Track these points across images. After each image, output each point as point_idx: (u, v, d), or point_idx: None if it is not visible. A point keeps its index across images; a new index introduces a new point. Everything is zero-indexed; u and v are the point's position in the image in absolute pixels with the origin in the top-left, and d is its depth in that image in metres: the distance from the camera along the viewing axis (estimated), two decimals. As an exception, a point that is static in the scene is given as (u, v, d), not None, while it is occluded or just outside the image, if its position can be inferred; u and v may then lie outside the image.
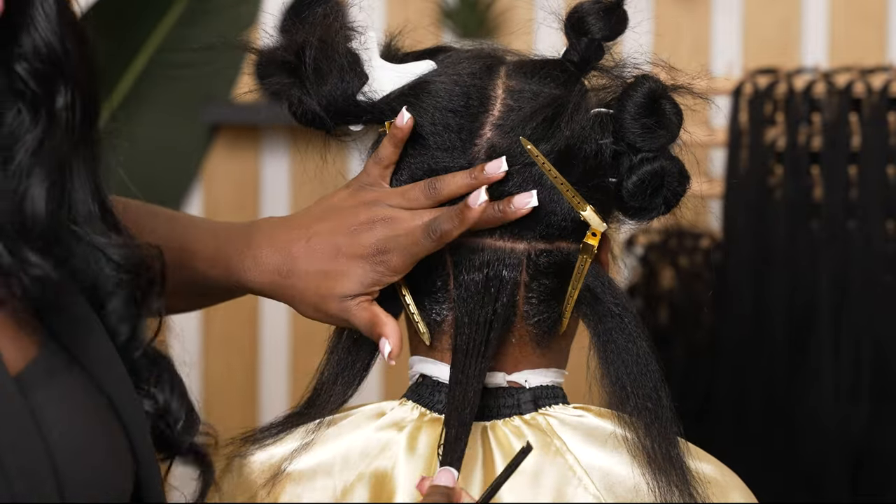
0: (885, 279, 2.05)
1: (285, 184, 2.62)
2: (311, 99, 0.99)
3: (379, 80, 0.99)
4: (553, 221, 0.97)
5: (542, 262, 0.97)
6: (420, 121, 0.97)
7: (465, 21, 2.51)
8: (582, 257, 0.97)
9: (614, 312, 0.98)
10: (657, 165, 0.96)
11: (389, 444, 0.96)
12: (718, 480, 0.96)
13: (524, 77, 0.99)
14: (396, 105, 0.98)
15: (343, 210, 1.00)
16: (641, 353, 0.97)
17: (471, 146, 0.97)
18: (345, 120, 1.00)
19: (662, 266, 2.27)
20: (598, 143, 0.96)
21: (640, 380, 0.97)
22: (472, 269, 0.97)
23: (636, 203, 0.97)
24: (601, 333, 0.98)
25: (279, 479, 0.97)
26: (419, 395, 1.00)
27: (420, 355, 1.01)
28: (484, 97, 0.97)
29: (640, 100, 0.95)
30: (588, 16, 0.99)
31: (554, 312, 0.99)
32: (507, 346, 0.99)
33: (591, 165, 0.97)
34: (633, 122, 0.95)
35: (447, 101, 0.97)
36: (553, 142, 0.96)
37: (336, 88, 0.98)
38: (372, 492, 0.95)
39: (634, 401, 0.96)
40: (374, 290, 0.98)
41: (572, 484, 0.94)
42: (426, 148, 0.98)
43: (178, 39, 2.44)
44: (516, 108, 0.97)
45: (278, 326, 2.63)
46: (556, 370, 1.01)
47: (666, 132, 0.96)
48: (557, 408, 0.98)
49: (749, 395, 2.11)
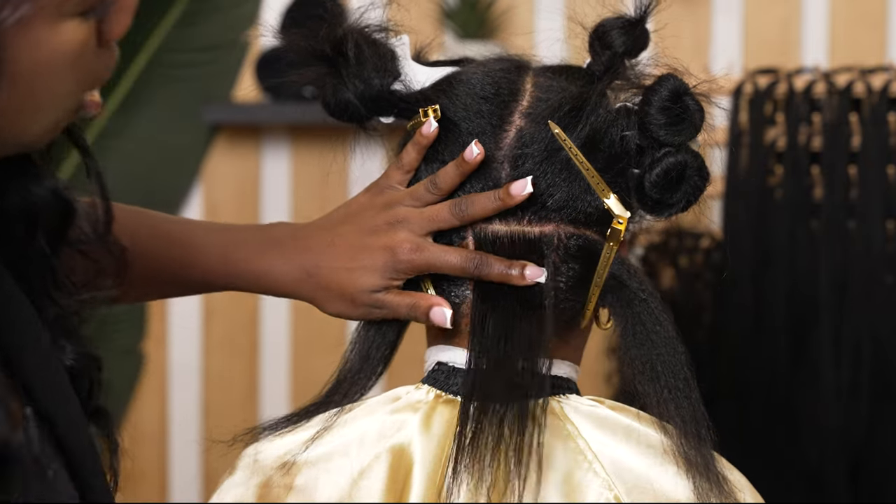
0: (885, 279, 2.05)
1: (285, 184, 2.62)
2: (347, 89, 1.02)
3: (413, 74, 1.04)
4: (579, 207, 0.99)
5: (572, 245, 1.00)
6: (452, 108, 1.02)
7: (465, 21, 2.51)
8: (608, 244, 1.00)
9: (641, 297, 1.01)
10: (680, 158, 0.99)
11: (405, 424, 0.98)
12: (731, 479, 0.97)
13: (552, 75, 1.04)
14: (431, 95, 1.03)
15: (363, 213, 1.05)
16: (668, 336, 1.01)
17: (501, 132, 1.00)
18: (378, 110, 1.04)
19: (662, 266, 2.27)
20: (622, 133, 1.00)
21: (669, 360, 1.00)
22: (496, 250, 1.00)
23: (657, 195, 1.00)
24: (629, 317, 1.01)
25: (294, 463, 0.98)
26: (435, 380, 1.01)
27: (437, 345, 1.03)
28: (514, 88, 1.02)
29: (665, 94, 0.99)
30: (612, 30, 1.03)
31: (578, 301, 1.01)
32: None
33: (615, 153, 1.00)
34: (658, 114, 0.99)
35: (479, 89, 1.02)
36: (579, 128, 0.99)
37: (373, 77, 1.02)
38: (391, 466, 0.96)
39: (665, 379, 0.99)
40: (397, 280, 1.02)
41: (582, 468, 0.95)
42: (458, 133, 1.01)
43: (178, 39, 2.44)
44: (544, 99, 1.01)
45: (279, 328, 2.63)
46: (571, 364, 1.03)
47: (689, 126, 1.00)
48: (571, 397, 1.00)
49: (749, 395, 2.11)
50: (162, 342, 2.67)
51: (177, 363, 2.69)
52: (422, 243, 1.01)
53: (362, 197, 1.06)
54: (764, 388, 2.10)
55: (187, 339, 2.69)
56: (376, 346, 1.05)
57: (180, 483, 2.69)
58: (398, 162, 1.04)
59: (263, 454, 1.00)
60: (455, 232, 1.01)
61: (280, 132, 2.62)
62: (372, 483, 0.96)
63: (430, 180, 1.01)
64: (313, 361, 2.60)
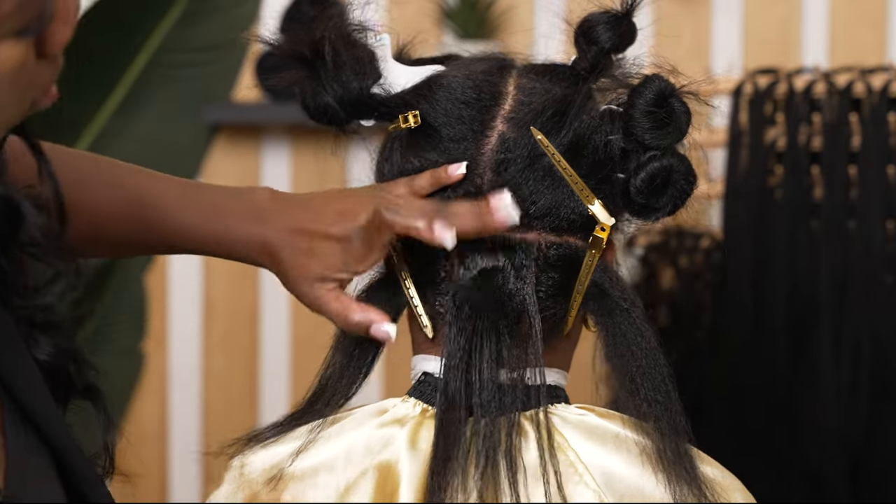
0: (885, 279, 2.05)
1: (285, 184, 2.62)
2: (325, 92, 1.00)
3: (393, 77, 1.01)
4: (562, 214, 0.98)
5: (551, 255, 0.98)
6: (433, 112, 0.99)
7: (465, 21, 2.51)
8: (590, 252, 0.98)
9: (622, 307, 0.99)
10: (665, 162, 0.98)
11: (392, 439, 0.96)
12: (720, 482, 0.97)
13: (535, 76, 1.01)
14: (410, 99, 1.00)
15: (354, 198, 1.01)
16: (650, 348, 0.99)
17: (483, 137, 0.98)
18: (358, 114, 1.02)
19: (662, 266, 2.27)
20: (606, 137, 0.98)
21: (649, 372, 0.98)
22: (479, 259, 0.98)
23: (643, 200, 0.98)
24: (609, 327, 0.99)
25: (281, 478, 0.97)
26: (421, 392, 1.00)
27: (423, 353, 1.02)
28: (496, 92, 0.99)
29: (650, 97, 0.97)
30: (598, 25, 1.01)
31: (560, 309, 1.00)
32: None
33: (599, 159, 0.99)
34: (643, 118, 0.97)
35: (460, 94, 0.99)
36: (563, 133, 0.98)
37: (352, 81, 1.00)
38: (377, 484, 0.95)
39: (644, 392, 0.97)
40: (338, 277, 0.99)
41: (573, 480, 0.93)
42: (439, 140, 0.99)
43: (178, 39, 2.44)
44: (527, 103, 0.99)
45: (279, 327, 2.63)
46: (559, 371, 1.01)
47: (675, 130, 0.98)
48: (560, 406, 0.98)
49: (749, 395, 2.10)
50: (162, 342, 2.67)
51: (177, 363, 2.69)
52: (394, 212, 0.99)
53: (361, 188, 1.04)
54: (764, 388, 2.10)
55: (187, 339, 2.69)
56: (360, 349, 1.03)
57: (180, 483, 2.69)
58: (410, 180, 1.01)
59: (249, 466, 0.99)
60: None
61: (280, 132, 2.62)
62: (359, 499, 0.94)
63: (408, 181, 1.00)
64: (313, 361, 2.60)
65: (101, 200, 1.05)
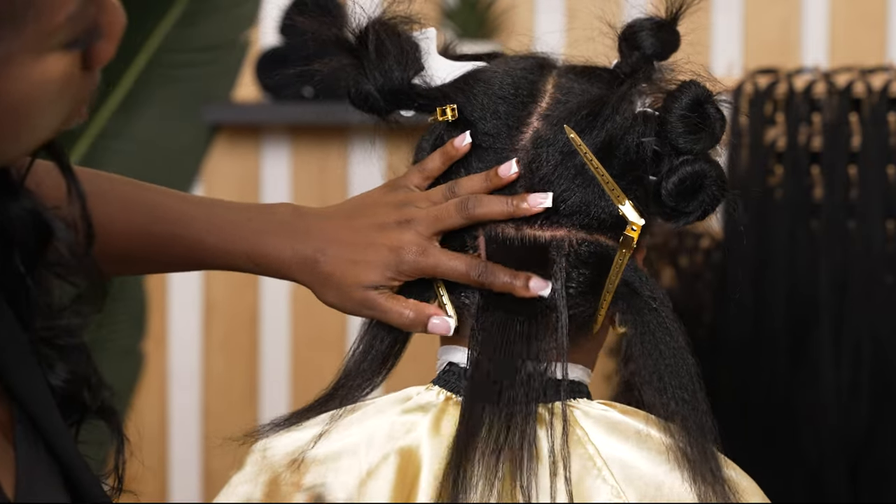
0: (885, 279, 2.05)
1: (285, 184, 2.62)
2: (367, 80, 1.02)
3: (435, 69, 1.02)
4: (593, 213, 0.98)
5: (582, 251, 0.99)
6: (469, 107, 1.01)
7: (464, 21, 2.51)
8: (621, 251, 0.99)
9: (651, 306, 1.00)
10: (698, 167, 0.98)
11: (414, 425, 0.97)
12: (739, 483, 0.97)
13: (574, 77, 1.02)
14: (449, 92, 1.01)
15: (375, 208, 1.03)
16: (678, 347, 1.00)
17: (517, 133, 0.99)
18: (398, 104, 1.03)
19: (662, 266, 2.27)
20: (640, 139, 0.99)
21: (677, 372, 0.99)
22: (507, 253, 0.99)
23: (673, 203, 0.99)
24: (639, 326, 1.00)
25: (303, 461, 0.97)
26: (446, 381, 1.01)
27: (448, 344, 1.03)
28: (534, 89, 1.00)
29: (686, 101, 0.98)
30: (641, 31, 1.02)
31: (590, 307, 1.00)
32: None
33: (631, 160, 0.99)
34: (678, 122, 0.98)
35: (497, 89, 1.00)
36: (595, 132, 0.98)
37: (394, 70, 1.01)
38: (399, 468, 0.95)
39: (672, 391, 0.98)
40: (396, 281, 1.01)
41: (591, 474, 0.94)
42: (475, 134, 1.00)
43: (177, 39, 2.44)
44: (563, 102, 1.00)
45: (279, 328, 2.63)
46: (584, 368, 1.02)
47: (708, 135, 0.99)
48: (582, 401, 0.99)
49: (749, 395, 2.11)
50: (162, 342, 2.67)
51: (177, 365, 2.69)
52: (428, 247, 1.00)
53: (377, 192, 1.05)
54: (764, 388, 2.10)
55: (187, 340, 2.69)
56: (380, 340, 1.04)
57: (180, 483, 2.70)
58: (421, 165, 1.03)
59: (272, 450, 0.99)
60: (466, 233, 1.00)
61: (280, 132, 2.62)
62: (380, 484, 0.95)
63: (449, 187, 1.01)
64: (313, 362, 2.60)
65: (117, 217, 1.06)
